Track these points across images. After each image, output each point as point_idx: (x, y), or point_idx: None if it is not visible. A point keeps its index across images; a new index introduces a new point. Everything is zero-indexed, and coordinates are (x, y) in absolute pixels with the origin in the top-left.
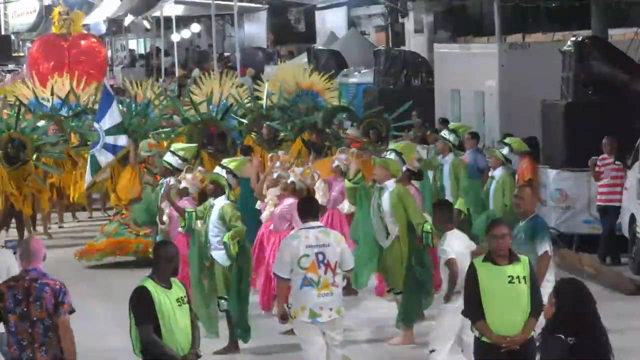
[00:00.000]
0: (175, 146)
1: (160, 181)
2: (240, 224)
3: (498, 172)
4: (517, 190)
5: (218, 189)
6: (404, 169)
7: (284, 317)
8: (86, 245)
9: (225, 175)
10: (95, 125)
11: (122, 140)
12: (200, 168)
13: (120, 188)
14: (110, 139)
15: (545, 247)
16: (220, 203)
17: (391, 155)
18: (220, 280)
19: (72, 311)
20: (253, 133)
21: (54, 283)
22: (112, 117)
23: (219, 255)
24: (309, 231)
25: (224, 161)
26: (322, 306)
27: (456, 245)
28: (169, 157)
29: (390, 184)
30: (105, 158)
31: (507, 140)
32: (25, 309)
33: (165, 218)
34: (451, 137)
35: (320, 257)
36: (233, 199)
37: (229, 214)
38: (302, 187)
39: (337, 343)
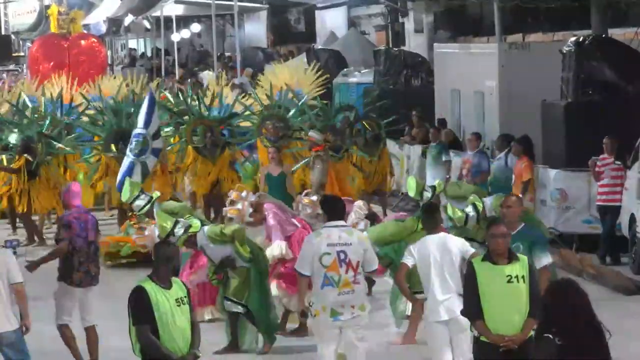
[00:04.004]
0: (123, 197)
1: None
2: (229, 229)
3: (488, 201)
4: (504, 199)
5: (191, 240)
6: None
7: (303, 314)
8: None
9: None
10: (142, 131)
11: (159, 143)
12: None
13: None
14: (156, 143)
15: (548, 259)
16: (202, 234)
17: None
18: (233, 283)
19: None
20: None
21: (93, 216)
22: (155, 122)
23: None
24: (332, 230)
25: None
26: (343, 304)
27: (424, 250)
28: (136, 205)
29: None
30: (151, 163)
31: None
32: (85, 234)
33: None
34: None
35: (342, 255)
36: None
37: (217, 231)
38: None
39: (361, 336)
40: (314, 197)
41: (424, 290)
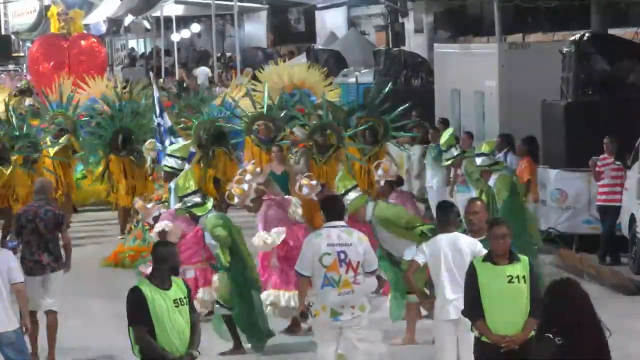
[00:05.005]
0: (170, 148)
1: (168, 186)
2: (220, 230)
3: (492, 181)
4: (468, 205)
5: (195, 216)
6: (382, 182)
7: (304, 315)
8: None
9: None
10: (160, 120)
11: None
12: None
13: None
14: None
15: None
16: (203, 219)
17: (352, 195)
18: (220, 286)
19: (68, 227)
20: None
21: (54, 209)
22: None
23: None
24: (331, 230)
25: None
26: (343, 305)
27: (436, 248)
28: (168, 161)
29: (370, 213)
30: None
31: (479, 151)
32: (34, 226)
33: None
34: (454, 152)
35: (342, 255)
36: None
37: (209, 225)
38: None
39: (361, 337)
40: (314, 182)
41: (434, 289)
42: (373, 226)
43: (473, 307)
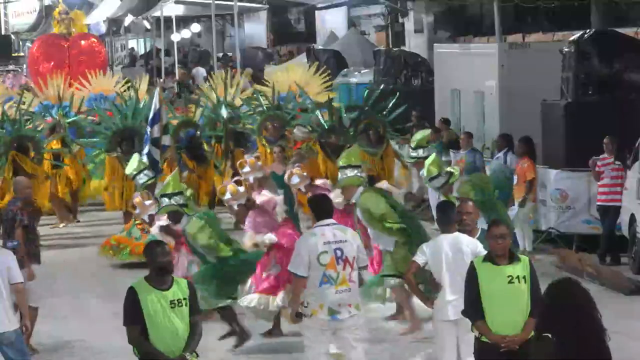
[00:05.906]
0: (133, 169)
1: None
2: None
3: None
4: (460, 205)
5: (177, 216)
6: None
7: (299, 316)
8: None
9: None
10: (149, 129)
11: (166, 139)
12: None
13: None
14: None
15: None
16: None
17: (348, 172)
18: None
19: (26, 226)
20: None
21: (14, 209)
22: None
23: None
24: (325, 228)
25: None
26: (340, 303)
27: (437, 249)
28: (141, 177)
29: (357, 196)
30: (155, 154)
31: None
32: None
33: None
34: (421, 153)
35: (339, 253)
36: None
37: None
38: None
39: (358, 337)
40: (305, 173)
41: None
42: (355, 208)
43: (473, 307)
